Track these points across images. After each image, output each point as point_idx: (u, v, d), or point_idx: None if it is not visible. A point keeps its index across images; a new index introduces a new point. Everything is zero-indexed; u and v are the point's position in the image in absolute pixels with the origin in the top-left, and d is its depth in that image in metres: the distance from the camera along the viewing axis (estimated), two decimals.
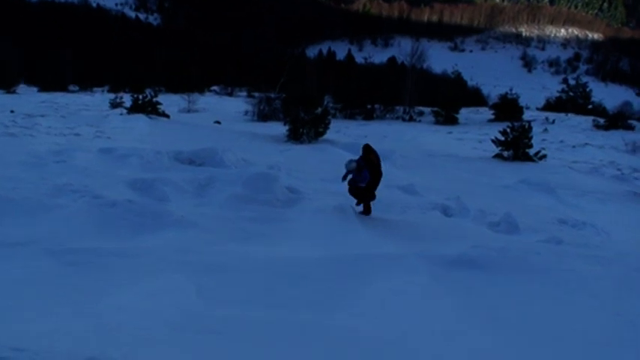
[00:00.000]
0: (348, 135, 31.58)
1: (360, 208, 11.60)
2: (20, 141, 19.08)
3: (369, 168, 11.23)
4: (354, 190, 11.43)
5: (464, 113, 47.64)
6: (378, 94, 49.94)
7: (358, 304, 6.25)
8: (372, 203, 11.57)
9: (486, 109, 53.27)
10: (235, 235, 9.42)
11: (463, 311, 6.11)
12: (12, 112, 28.86)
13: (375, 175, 11.40)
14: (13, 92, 55.73)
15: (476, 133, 36.92)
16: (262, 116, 40.21)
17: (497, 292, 6.74)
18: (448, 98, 46.83)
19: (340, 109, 47.19)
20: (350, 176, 11.42)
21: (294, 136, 25.28)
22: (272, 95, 44.06)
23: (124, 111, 30.11)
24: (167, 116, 29.18)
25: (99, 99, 47.46)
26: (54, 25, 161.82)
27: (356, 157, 11.59)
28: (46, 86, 65.64)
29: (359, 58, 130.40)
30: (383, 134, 34.81)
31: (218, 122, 32.91)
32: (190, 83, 59.95)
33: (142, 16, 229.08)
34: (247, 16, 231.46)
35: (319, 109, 26.55)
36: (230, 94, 70.42)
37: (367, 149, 11.67)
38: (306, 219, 10.64)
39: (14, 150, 16.00)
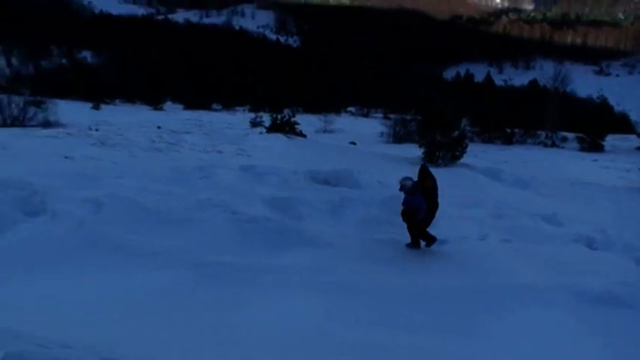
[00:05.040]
0: (486, 159, 30.81)
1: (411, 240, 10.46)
2: (166, 156, 19.88)
3: (423, 195, 10.11)
4: (407, 216, 10.26)
5: (610, 140, 45.39)
6: (518, 117, 48.53)
7: (493, 335, 6.04)
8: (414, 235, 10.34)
9: (634, 136, 50.59)
10: (369, 257, 9.40)
11: (609, 353, 5.74)
12: (159, 128, 30.20)
13: (430, 206, 10.18)
14: (160, 109, 58.46)
15: (623, 162, 35.06)
16: (398, 138, 40.02)
17: None
18: (593, 124, 44.81)
19: (478, 133, 46.12)
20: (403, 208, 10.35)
21: (430, 159, 24.97)
22: (408, 117, 43.82)
23: (264, 130, 30.81)
24: (304, 136, 29.55)
25: (240, 118, 48.97)
26: (198, 46, 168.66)
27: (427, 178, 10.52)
28: (190, 104, 68.36)
29: (498, 81, 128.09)
30: (523, 159, 33.73)
31: (354, 143, 33.10)
32: (327, 104, 60.75)
33: (281, 39, 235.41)
34: (383, 37, 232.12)
35: (456, 132, 26.12)
36: (366, 116, 70.81)
37: (423, 173, 10.49)
38: (442, 243, 10.48)
39: (160, 165, 16.67)
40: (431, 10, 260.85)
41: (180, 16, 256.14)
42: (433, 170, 10.93)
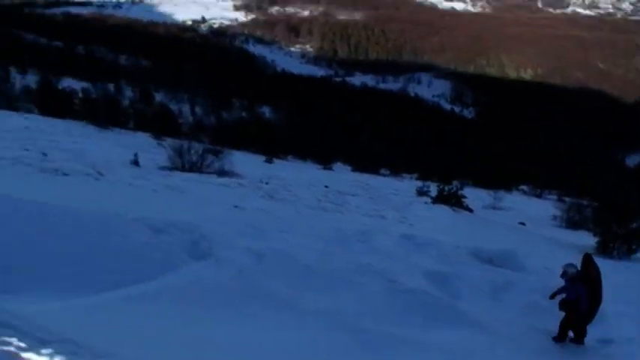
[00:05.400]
0: None
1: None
2: (330, 216, 20.14)
3: (585, 286, 9.34)
4: (567, 306, 9.50)
5: None
6: None
7: None
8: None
9: None
10: (528, 347, 8.91)
11: None
12: (326, 187, 30.73)
13: (593, 299, 9.39)
14: (330, 169, 59.66)
15: None
16: (571, 223, 38.20)
17: None
18: None
19: None
20: (562, 296, 9.65)
21: (603, 250, 23.57)
22: (583, 202, 41.81)
23: (429, 200, 30.53)
24: (470, 210, 28.98)
25: (407, 185, 48.92)
26: (372, 110, 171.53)
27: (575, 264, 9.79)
28: (359, 166, 69.24)
29: None
30: None
31: (523, 224, 31.91)
32: (498, 179, 59.43)
33: (456, 109, 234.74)
34: (563, 116, 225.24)
35: (635, 224, 24.58)
36: (538, 196, 68.34)
37: (587, 262, 9.73)
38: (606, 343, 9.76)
39: (323, 224, 16.87)
40: (617, 92, 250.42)
41: (357, 79, 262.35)
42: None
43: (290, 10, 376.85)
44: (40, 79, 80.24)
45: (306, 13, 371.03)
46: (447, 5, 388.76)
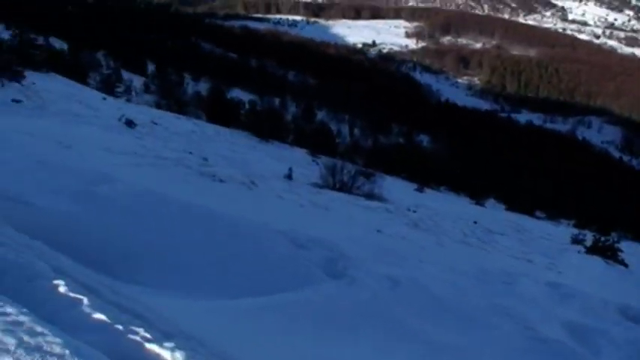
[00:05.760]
0: None
1: None
2: (474, 252, 19.75)
3: None
4: None
5: None
6: None
7: None
8: None
9: None
10: None
11: None
12: (475, 222, 30.15)
13: None
14: (481, 205, 58.40)
15: None
16: None
17: None
18: None
19: None
20: None
21: None
22: None
23: (582, 249, 29.22)
24: (625, 265, 27.47)
25: (562, 231, 46.96)
26: (536, 149, 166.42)
27: None
28: (512, 206, 67.29)
29: None
30: None
31: None
32: None
33: (625, 158, 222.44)
34: None
35: None
36: None
37: None
38: None
39: (465, 259, 16.59)
40: None
41: (524, 116, 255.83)
42: None
43: (462, 41, 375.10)
44: (211, 87, 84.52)
45: (478, 45, 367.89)
46: (628, 50, 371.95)
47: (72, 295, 4.40)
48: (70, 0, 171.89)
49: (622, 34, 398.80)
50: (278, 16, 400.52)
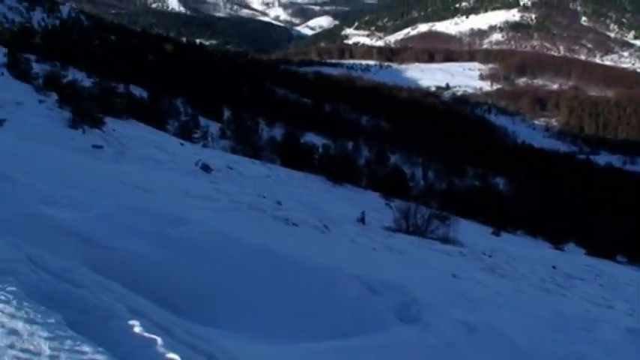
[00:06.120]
0: None
1: None
2: (552, 298, 19.25)
3: None
4: None
5: None
6: None
7: None
8: None
9: None
10: None
11: None
12: (553, 267, 29.39)
13: None
14: (560, 249, 56.88)
15: None
16: None
17: None
18: None
19: None
20: None
21: None
22: None
23: None
24: None
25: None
26: (616, 191, 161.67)
27: None
28: (593, 250, 65.19)
29: None
30: None
31: None
32: None
33: None
34: None
35: None
36: None
37: None
38: None
39: (543, 305, 16.17)
40: None
41: (603, 158, 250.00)
42: None
43: (538, 82, 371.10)
44: (286, 132, 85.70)
45: (555, 86, 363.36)
46: None
47: (147, 335, 4.50)
48: (149, 49, 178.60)
49: None
50: (351, 61, 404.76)
